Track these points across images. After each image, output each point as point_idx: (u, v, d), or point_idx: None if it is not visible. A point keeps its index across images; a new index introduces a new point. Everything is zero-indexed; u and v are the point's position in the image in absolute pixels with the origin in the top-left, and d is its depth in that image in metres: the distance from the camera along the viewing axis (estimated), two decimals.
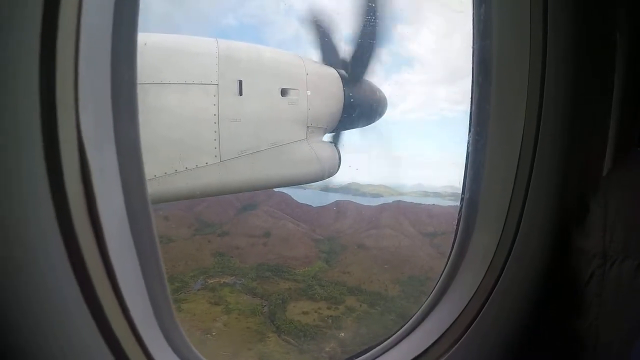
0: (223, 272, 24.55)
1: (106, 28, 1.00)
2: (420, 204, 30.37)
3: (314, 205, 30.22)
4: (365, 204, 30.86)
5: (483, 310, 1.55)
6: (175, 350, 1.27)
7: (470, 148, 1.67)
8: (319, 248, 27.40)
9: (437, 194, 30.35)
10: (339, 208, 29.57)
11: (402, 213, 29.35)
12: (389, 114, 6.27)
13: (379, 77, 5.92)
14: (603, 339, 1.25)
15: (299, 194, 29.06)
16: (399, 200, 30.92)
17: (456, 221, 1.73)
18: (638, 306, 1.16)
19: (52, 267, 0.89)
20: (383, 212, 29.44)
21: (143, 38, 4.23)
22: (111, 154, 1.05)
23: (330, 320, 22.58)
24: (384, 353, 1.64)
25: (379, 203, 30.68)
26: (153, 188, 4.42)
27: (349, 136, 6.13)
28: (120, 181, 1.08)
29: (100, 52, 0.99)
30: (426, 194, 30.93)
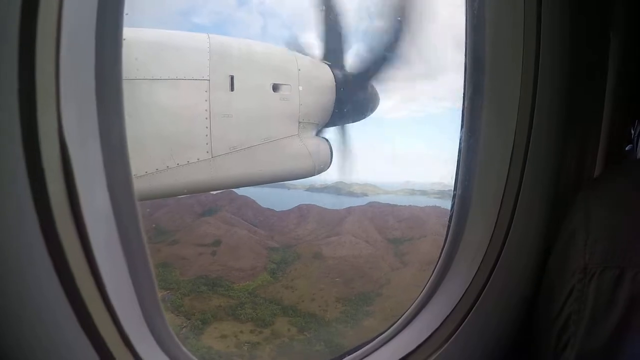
0: (158, 287, 21.89)
1: (90, 19, 0.97)
2: (396, 205, 28.32)
3: (277, 210, 28.39)
4: (340, 205, 28.73)
5: (475, 306, 1.55)
6: (165, 350, 1.26)
7: (462, 144, 1.67)
8: (270, 258, 24.94)
9: (423, 192, 28.78)
10: (302, 212, 27.46)
11: (370, 216, 27.28)
12: (375, 111, 6.27)
13: (371, 73, 5.90)
14: (581, 353, 1.25)
15: (265, 197, 27.31)
16: (374, 202, 28.98)
17: (448, 218, 1.73)
18: (616, 319, 1.16)
19: (33, 268, 0.87)
20: (349, 216, 27.11)
21: (134, 33, 4.21)
22: (96, 151, 1.02)
23: (246, 348, 20.35)
24: (375, 350, 1.64)
25: (348, 205, 28.57)
26: (144, 184, 4.42)
27: (336, 134, 6.11)
28: (106, 179, 1.05)
29: (83, 45, 0.96)
30: (412, 192, 29.29)
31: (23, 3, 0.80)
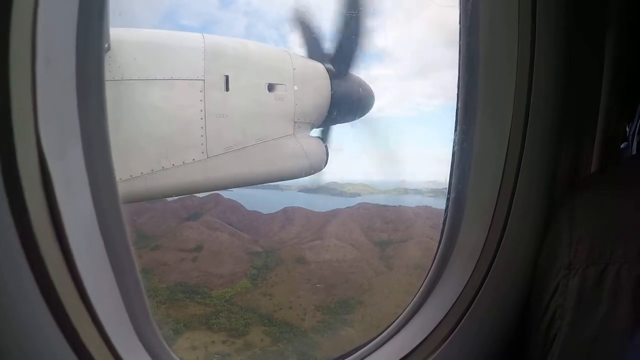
0: None
1: (70, 19, 0.94)
2: (386, 206, 26.98)
3: (264, 213, 27.01)
4: (330, 206, 27.08)
5: (470, 309, 1.54)
6: (152, 356, 1.25)
7: (456, 145, 1.66)
8: (251, 263, 23.45)
9: (417, 191, 27.66)
10: (287, 215, 26.01)
11: (358, 218, 25.79)
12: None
13: (363, 71, 5.93)
14: (563, 351, 1.27)
15: (255, 199, 25.91)
16: (364, 202, 27.52)
17: (442, 219, 1.72)
18: (601, 313, 1.18)
19: (14, 278, 0.86)
20: (336, 218, 25.54)
21: (128, 33, 4.21)
22: (78, 161, 1.01)
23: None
24: (369, 354, 1.63)
25: (338, 206, 27.11)
26: (140, 185, 4.42)
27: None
28: (89, 189, 1.04)
29: (62, 46, 0.94)
30: (406, 191, 28.02)
31: None
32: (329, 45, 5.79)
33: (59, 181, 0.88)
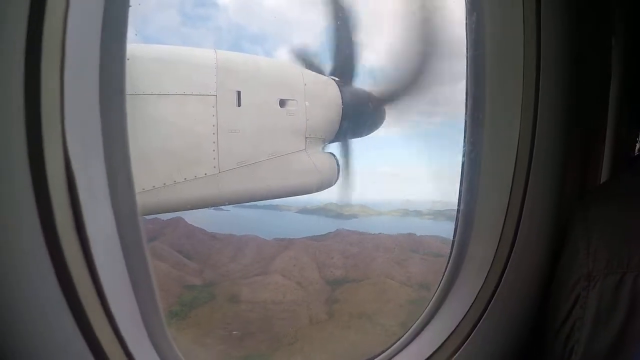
0: None
1: (94, 37, 0.99)
2: (364, 234, 22.86)
3: (224, 240, 21.99)
4: (307, 231, 22.71)
5: (482, 320, 1.53)
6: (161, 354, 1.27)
7: (465, 158, 1.66)
8: (180, 298, 18.93)
9: (418, 213, 24.51)
10: (240, 244, 21.57)
11: (323, 248, 21.53)
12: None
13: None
14: (585, 358, 1.25)
15: (235, 222, 21.83)
16: (341, 229, 22.99)
17: (453, 230, 1.72)
18: (618, 323, 1.17)
19: (37, 277, 0.90)
20: (296, 248, 20.86)
21: (143, 48, 4.28)
22: (100, 170, 1.06)
23: None
24: None
25: (310, 233, 22.66)
26: (152, 199, 4.44)
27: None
28: (110, 198, 1.09)
29: (87, 61, 0.99)
30: (407, 212, 24.98)
31: (29, 21, 0.82)
32: (346, 62, 5.82)
33: (82, 188, 0.93)
